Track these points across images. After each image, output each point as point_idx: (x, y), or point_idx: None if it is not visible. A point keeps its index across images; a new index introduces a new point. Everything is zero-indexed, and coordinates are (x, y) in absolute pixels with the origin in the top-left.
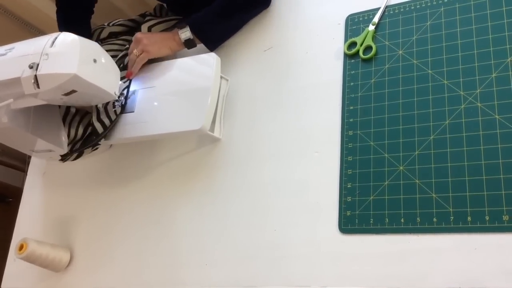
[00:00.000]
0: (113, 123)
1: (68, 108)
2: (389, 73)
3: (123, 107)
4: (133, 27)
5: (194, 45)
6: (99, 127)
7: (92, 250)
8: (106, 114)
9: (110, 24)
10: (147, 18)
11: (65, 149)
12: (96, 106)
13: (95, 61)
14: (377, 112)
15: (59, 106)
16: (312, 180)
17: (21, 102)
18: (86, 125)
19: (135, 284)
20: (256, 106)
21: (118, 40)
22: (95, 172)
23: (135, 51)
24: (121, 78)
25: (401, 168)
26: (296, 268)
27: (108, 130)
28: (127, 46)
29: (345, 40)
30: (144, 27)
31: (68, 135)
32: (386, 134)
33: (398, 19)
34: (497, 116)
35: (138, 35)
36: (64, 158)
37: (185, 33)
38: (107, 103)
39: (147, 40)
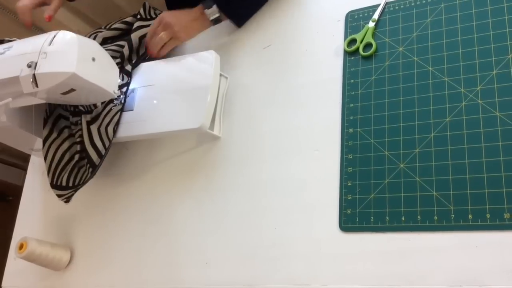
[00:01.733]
0: (107, 150)
1: (51, 128)
2: (389, 70)
3: (122, 105)
4: (126, 29)
5: (220, 22)
6: (92, 153)
7: (92, 249)
8: (100, 136)
9: (104, 29)
10: (137, 24)
11: None
12: (89, 129)
13: (93, 59)
14: (377, 110)
15: (44, 125)
16: (312, 178)
17: (20, 101)
18: (65, 150)
19: (135, 283)
20: (256, 104)
21: (112, 46)
22: None
23: (162, 34)
24: (143, 55)
25: (401, 166)
26: (296, 267)
27: (103, 159)
28: (119, 60)
29: (345, 37)
30: (135, 36)
31: (45, 158)
32: (386, 132)
33: (398, 15)
34: (498, 114)
35: (167, 18)
36: (67, 199)
37: (213, 13)
38: (100, 125)
39: (178, 27)
